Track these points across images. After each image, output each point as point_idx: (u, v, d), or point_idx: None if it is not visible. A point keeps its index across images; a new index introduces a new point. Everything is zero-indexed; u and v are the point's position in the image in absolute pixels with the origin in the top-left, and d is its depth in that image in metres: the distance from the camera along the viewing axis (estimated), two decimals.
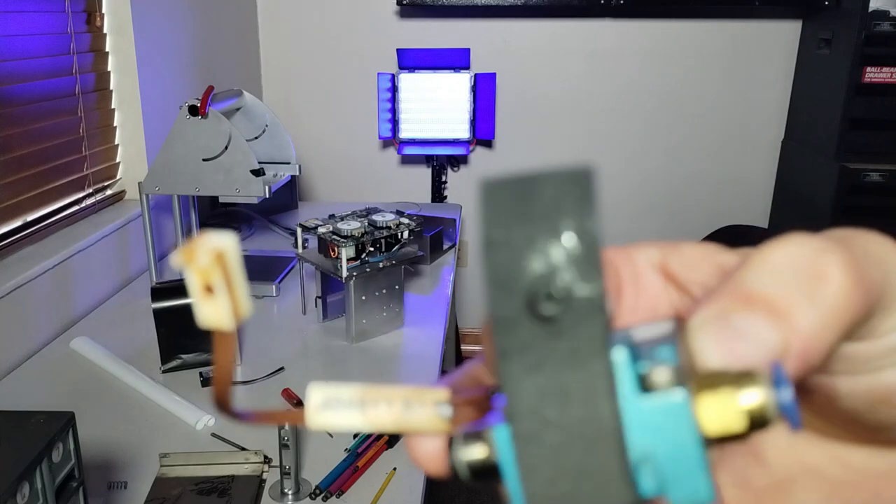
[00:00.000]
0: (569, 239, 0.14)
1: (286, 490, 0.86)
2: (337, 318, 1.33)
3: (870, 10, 1.96)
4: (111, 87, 1.58)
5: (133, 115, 1.61)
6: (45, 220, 1.36)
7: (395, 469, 0.91)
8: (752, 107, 2.45)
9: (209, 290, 0.14)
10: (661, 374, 0.14)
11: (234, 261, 0.15)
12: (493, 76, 2.27)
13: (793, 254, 0.15)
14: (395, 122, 2.31)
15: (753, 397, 0.14)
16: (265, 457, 0.90)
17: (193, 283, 0.14)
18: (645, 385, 0.14)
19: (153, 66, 1.65)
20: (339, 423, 0.16)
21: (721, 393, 0.14)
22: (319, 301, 1.31)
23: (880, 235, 0.17)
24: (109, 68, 1.58)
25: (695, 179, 2.53)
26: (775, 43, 2.38)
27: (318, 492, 0.86)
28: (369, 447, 0.94)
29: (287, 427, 0.83)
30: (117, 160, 1.62)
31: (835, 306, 0.15)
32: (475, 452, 0.15)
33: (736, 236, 2.04)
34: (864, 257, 0.16)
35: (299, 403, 1.03)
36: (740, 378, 0.14)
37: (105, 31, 1.55)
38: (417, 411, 0.16)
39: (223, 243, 0.14)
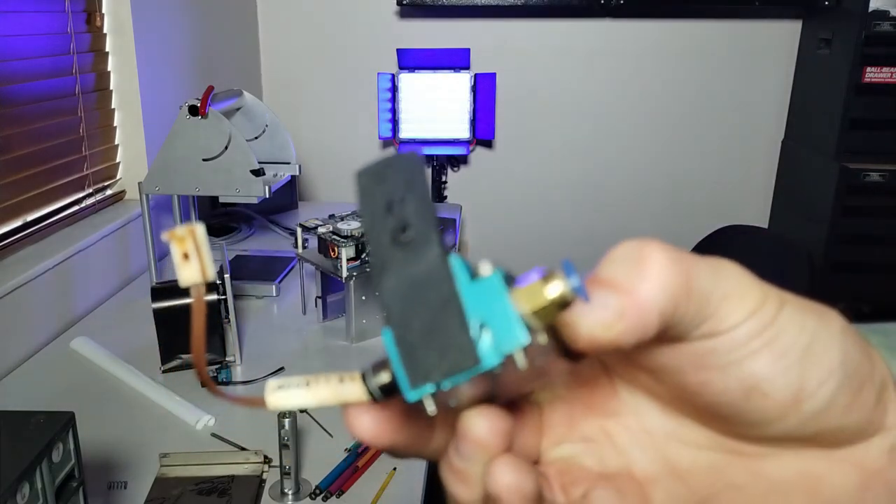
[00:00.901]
0: (409, 195, 0.20)
1: (286, 490, 0.86)
2: (337, 318, 1.33)
3: (870, 10, 1.96)
4: (111, 87, 1.58)
5: (133, 115, 1.61)
6: (45, 220, 1.36)
7: (395, 469, 0.91)
8: (752, 107, 2.45)
9: (186, 256, 0.20)
10: (484, 267, 0.20)
11: (203, 238, 0.20)
12: (493, 76, 2.27)
13: (626, 248, 0.20)
14: (395, 122, 2.31)
15: (557, 287, 0.19)
16: (265, 457, 0.90)
17: (175, 253, 0.20)
18: (474, 276, 0.20)
19: (153, 66, 1.65)
20: (291, 400, 0.21)
21: (534, 289, 0.19)
22: (319, 301, 1.31)
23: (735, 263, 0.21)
24: (109, 68, 1.58)
25: (695, 179, 2.53)
26: (775, 43, 2.38)
27: (318, 492, 0.86)
28: (369, 447, 0.94)
29: (287, 427, 0.83)
30: (117, 160, 1.62)
31: (656, 277, 0.19)
32: (382, 377, 0.20)
33: (736, 236, 2.04)
34: (700, 259, 0.21)
35: None
36: (547, 278, 0.19)
37: (105, 31, 1.55)
38: (349, 386, 0.21)
39: (195, 226, 0.20)
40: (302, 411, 1.02)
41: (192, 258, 0.20)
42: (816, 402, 0.21)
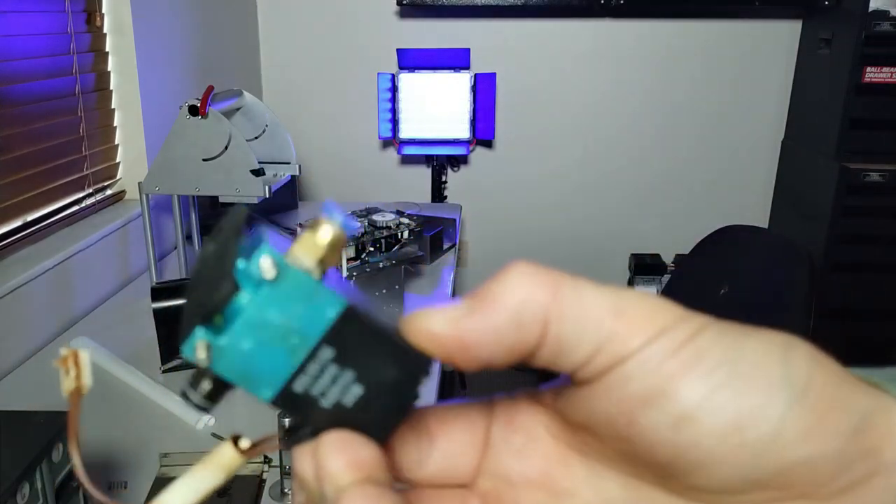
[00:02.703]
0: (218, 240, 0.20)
1: (286, 490, 0.86)
2: None
3: (870, 10, 1.96)
4: (111, 87, 1.58)
5: (133, 115, 1.61)
6: (45, 220, 1.36)
7: None
8: (752, 107, 2.45)
9: (67, 372, 0.23)
10: (265, 262, 0.20)
11: (83, 358, 0.23)
12: (493, 76, 2.27)
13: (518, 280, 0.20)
14: (395, 122, 2.31)
15: (327, 231, 0.20)
16: (265, 457, 0.90)
17: (60, 370, 0.23)
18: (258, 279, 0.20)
19: (153, 66, 1.65)
20: None
21: (306, 242, 0.20)
22: None
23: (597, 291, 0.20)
24: (109, 68, 1.58)
25: (695, 179, 2.53)
26: (775, 43, 2.38)
27: None
28: None
29: (287, 427, 0.83)
30: (117, 160, 1.62)
31: (510, 278, 0.20)
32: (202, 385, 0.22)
33: (736, 236, 2.04)
34: (582, 278, 0.20)
35: None
36: (314, 225, 0.20)
37: (105, 31, 1.55)
38: (215, 462, 0.23)
39: (78, 350, 0.23)
40: None
41: (71, 372, 0.23)
42: (763, 425, 0.17)
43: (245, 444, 0.23)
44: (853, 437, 0.18)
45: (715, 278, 1.77)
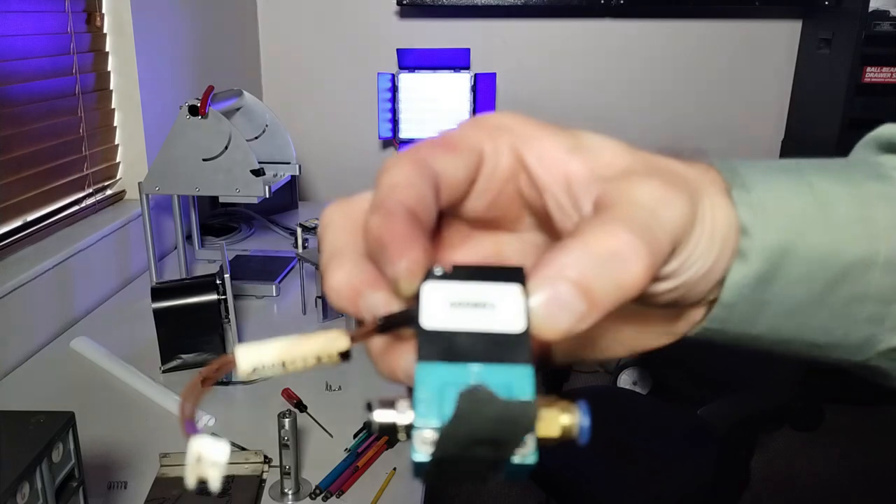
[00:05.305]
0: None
1: (286, 490, 0.86)
2: (337, 318, 1.33)
3: (870, 10, 1.96)
4: (111, 87, 1.58)
5: (133, 115, 1.61)
6: (45, 220, 1.36)
7: (395, 469, 0.91)
8: (752, 107, 2.45)
9: (202, 482, 0.23)
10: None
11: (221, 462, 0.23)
12: (493, 76, 2.27)
13: (613, 246, 0.21)
14: (395, 122, 2.31)
15: (567, 419, 0.22)
16: (265, 457, 0.90)
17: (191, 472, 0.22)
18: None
19: (153, 66, 1.65)
20: (265, 375, 0.24)
21: (552, 414, 0.22)
22: (319, 301, 1.31)
23: (656, 186, 0.24)
24: (109, 68, 1.58)
25: None
26: (775, 43, 2.38)
27: (318, 492, 0.86)
28: (369, 447, 0.94)
29: (287, 427, 0.83)
30: (117, 160, 1.62)
31: (626, 287, 0.21)
32: (385, 416, 0.22)
33: None
34: (655, 227, 0.23)
35: (300, 404, 1.03)
36: (566, 407, 0.22)
37: (105, 31, 1.55)
38: (324, 360, 0.23)
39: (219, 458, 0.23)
40: (299, 409, 1.02)
41: (214, 483, 0.23)
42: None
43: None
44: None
45: None
